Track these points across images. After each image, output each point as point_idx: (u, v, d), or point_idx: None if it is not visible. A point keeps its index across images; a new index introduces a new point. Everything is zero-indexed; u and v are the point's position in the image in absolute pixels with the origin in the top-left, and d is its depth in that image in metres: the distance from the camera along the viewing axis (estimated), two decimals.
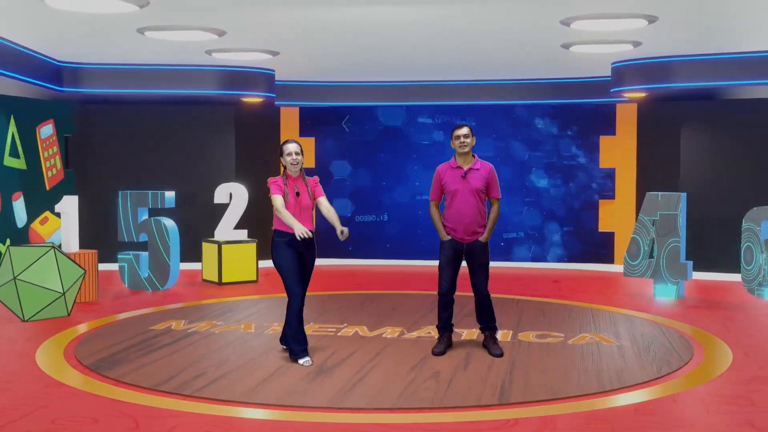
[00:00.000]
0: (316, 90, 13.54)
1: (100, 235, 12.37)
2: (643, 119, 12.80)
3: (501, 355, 7.19)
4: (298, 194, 6.92)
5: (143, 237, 11.04)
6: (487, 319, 7.43)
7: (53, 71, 10.88)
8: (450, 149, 7.38)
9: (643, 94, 11.34)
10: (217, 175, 12.75)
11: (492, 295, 7.43)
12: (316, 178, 7.19)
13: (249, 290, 11.12)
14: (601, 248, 13.31)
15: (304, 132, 13.86)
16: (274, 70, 12.15)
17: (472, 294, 7.41)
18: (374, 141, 13.84)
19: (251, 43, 9.49)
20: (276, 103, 13.42)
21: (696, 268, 11.81)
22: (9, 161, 11.37)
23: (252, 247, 11.81)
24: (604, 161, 13.23)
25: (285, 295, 7.29)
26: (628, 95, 11.39)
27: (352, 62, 11.20)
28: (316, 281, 11.81)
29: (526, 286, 11.47)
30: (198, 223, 12.55)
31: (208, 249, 11.82)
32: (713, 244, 12.06)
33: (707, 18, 7.96)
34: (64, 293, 8.97)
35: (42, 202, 11.95)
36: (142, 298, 10.49)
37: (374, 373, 6.64)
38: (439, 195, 7.32)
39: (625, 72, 11.01)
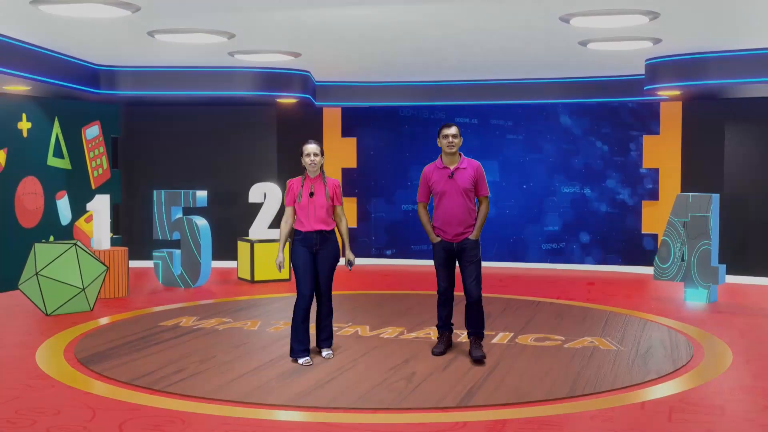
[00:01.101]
0: (358, 90, 13.58)
1: (147, 232, 12.66)
2: (688, 118, 12.42)
3: (482, 358, 6.98)
4: (311, 194, 6.97)
5: (176, 235, 11.32)
6: (475, 324, 7.19)
7: (91, 75, 11.23)
8: (484, 148, 7.24)
9: (677, 92, 10.98)
10: (260, 175, 12.96)
11: (516, 297, 7.27)
12: (338, 182, 7.20)
13: (280, 288, 11.25)
14: (644, 250, 12.96)
15: (346, 132, 13.94)
16: (309, 71, 12.26)
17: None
18: (415, 140, 13.81)
19: (263, 44, 9.61)
20: (318, 103, 13.55)
21: (738, 272, 11.44)
22: (52, 161, 11.81)
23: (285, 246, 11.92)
24: (648, 161, 12.87)
25: None
26: (662, 93, 11.05)
27: (376, 63, 11.23)
28: (352, 280, 12.01)
29: (557, 288, 11.26)
30: (238, 222, 12.78)
31: (242, 247, 12.02)
32: (757, 247, 11.60)
33: (711, 13, 7.67)
34: (84, 288, 9.27)
35: (87, 200, 12.30)
36: (172, 294, 10.74)
37: (349, 373, 6.64)
38: (427, 196, 7.22)
39: (658, 69, 10.68)
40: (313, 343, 7.26)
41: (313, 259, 7.03)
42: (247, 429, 5.28)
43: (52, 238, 11.70)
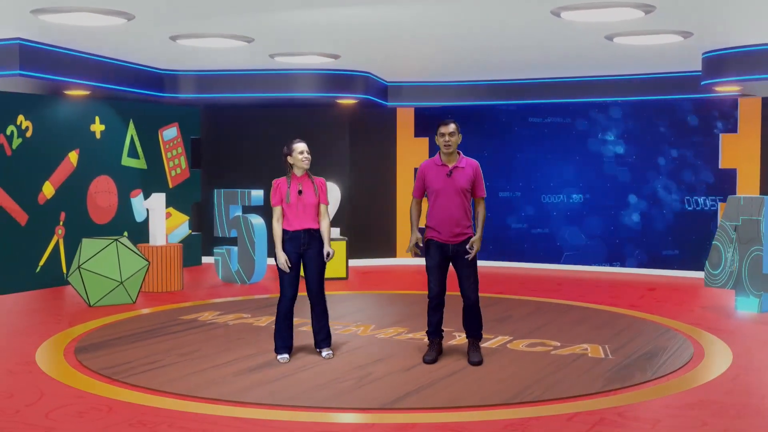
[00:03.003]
0: (430, 90, 13.57)
1: None
2: None
3: (479, 363, 6.91)
4: (300, 192, 6.99)
5: (234, 233, 11.73)
6: (473, 327, 7.11)
7: (156, 79, 11.79)
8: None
9: (737, 87, 10.30)
10: (334, 174, 13.23)
11: (553, 301, 7.06)
12: (323, 179, 7.22)
13: (335, 286, 11.41)
14: None
15: (418, 132, 13.95)
16: (370, 73, 12.37)
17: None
18: (489, 139, 13.65)
19: (284, 47, 9.83)
20: (391, 104, 13.65)
21: None
22: (127, 161, 12.49)
23: (342, 245, 12.10)
24: (726, 161, 12.13)
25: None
26: (719, 88, 10.39)
27: (427, 63, 11.21)
28: (410, 280, 12.02)
29: (612, 293, 10.84)
30: None
31: None
32: None
33: (705, 7, 7.20)
34: (122, 282, 9.78)
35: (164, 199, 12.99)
36: (225, 289, 11.14)
37: (307, 371, 6.70)
38: (422, 193, 7.08)
39: (715, 63, 10.06)
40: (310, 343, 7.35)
41: (299, 260, 7.06)
42: (158, 419, 5.46)
43: (126, 234, 12.37)
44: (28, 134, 10.93)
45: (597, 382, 6.37)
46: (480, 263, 12.77)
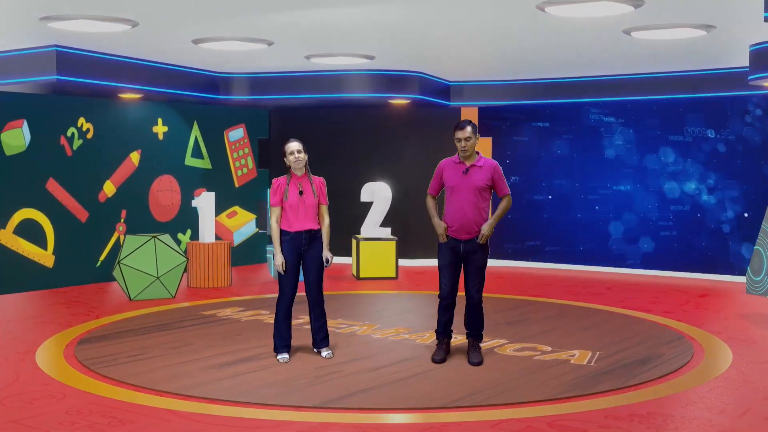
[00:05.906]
0: (492, 89, 13.41)
1: None
2: None
3: (479, 363, 6.91)
4: (301, 193, 7.04)
5: None
6: (474, 326, 7.11)
7: (209, 82, 12.17)
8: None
9: None
10: (390, 173, 13.29)
11: (586, 305, 7.02)
12: (323, 179, 7.25)
13: (381, 286, 11.48)
14: None
15: (482, 132, 13.74)
16: (422, 72, 12.34)
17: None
18: (553, 138, 13.36)
19: (294, 50, 9.97)
20: (454, 103, 13.58)
21: None
22: (191, 161, 12.97)
23: (391, 245, 12.12)
24: None
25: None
26: (767, 83, 9.77)
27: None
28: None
29: (654, 298, 10.40)
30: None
31: (353, 245, 12.40)
32: None
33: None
34: (158, 277, 10.18)
35: (230, 198, 13.43)
36: (273, 286, 11.35)
37: (275, 368, 6.79)
38: (438, 189, 7.09)
39: (763, 56, 9.47)
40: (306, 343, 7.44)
41: (299, 260, 7.13)
42: (96, 408, 5.68)
43: (189, 232, 12.86)
44: (89, 136, 11.54)
45: (556, 389, 6.16)
46: (542, 265, 12.47)
